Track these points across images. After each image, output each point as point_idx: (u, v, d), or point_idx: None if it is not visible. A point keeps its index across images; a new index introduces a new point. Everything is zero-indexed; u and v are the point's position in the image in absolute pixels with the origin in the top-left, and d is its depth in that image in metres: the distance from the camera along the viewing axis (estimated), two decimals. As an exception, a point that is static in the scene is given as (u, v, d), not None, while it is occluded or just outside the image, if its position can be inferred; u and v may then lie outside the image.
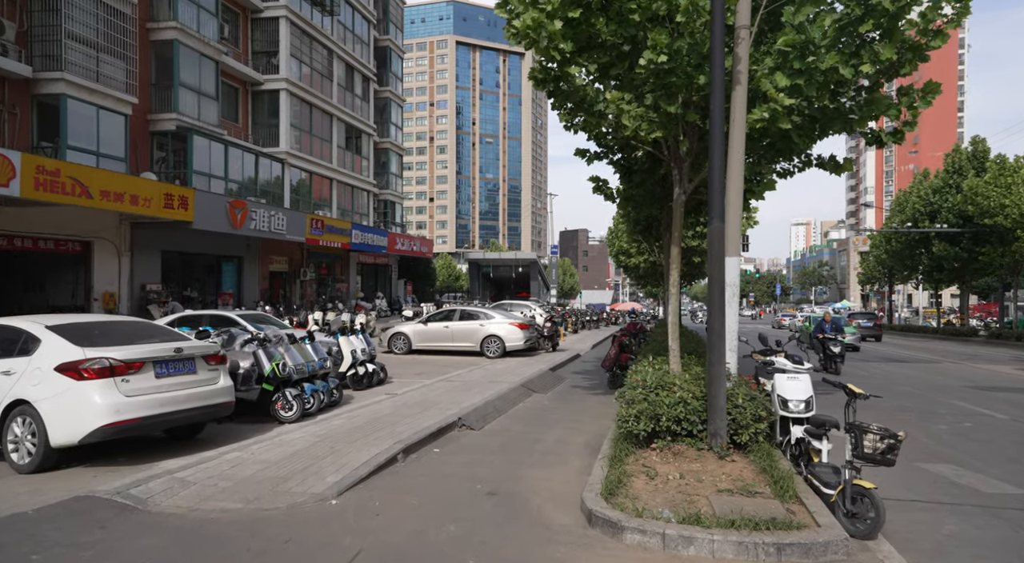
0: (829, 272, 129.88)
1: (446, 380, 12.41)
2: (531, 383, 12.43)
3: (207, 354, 6.49)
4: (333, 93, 29.15)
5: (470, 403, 9.55)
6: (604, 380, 13.69)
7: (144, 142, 19.91)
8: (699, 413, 6.24)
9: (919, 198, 36.56)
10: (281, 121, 25.32)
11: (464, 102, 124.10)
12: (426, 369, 14.45)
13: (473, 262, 49.69)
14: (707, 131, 8.44)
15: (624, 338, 13.16)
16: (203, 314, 12.97)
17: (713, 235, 6.11)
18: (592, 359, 19.18)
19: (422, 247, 37.53)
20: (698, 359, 9.75)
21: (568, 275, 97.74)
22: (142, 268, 19.55)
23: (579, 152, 12.17)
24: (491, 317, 17.88)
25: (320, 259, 30.27)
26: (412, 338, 17.99)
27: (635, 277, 43.73)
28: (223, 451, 6.42)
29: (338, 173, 29.86)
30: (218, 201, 19.90)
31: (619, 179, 13.30)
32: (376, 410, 8.93)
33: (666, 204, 12.90)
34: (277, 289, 27.13)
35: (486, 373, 13.67)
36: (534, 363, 16.04)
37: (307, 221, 24.74)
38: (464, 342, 17.71)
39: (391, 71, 36.11)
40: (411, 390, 10.97)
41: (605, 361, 12.89)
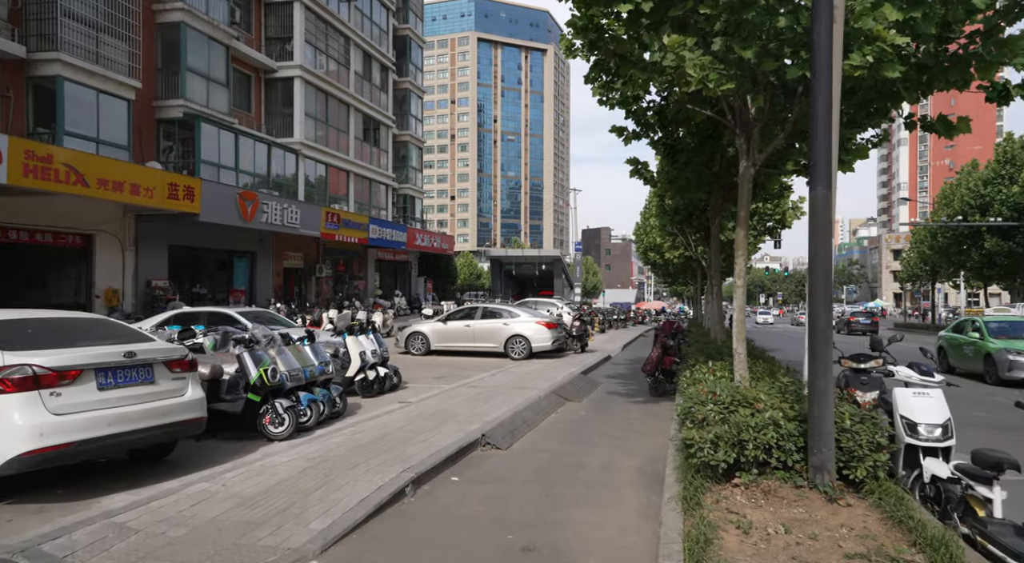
0: (860, 271, 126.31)
1: (468, 385, 11.05)
2: (563, 390, 11.02)
3: (170, 359, 5.21)
4: (350, 82, 28.02)
5: (495, 415, 8.18)
6: (644, 386, 12.24)
7: (150, 130, 18.90)
8: (794, 438, 4.79)
9: (968, 190, 34.34)
10: (295, 110, 24.22)
11: (485, 99, 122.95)
12: (445, 372, 13.12)
13: (495, 260, 48.38)
14: (782, 87, 6.98)
15: (666, 339, 11.69)
16: (199, 311, 11.82)
17: (817, 204, 4.64)
18: (624, 361, 17.71)
19: (442, 243, 36.31)
20: (765, 366, 8.28)
21: (591, 274, 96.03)
22: (148, 263, 18.54)
23: (615, 130, 10.78)
24: (516, 315, 16.51)
25: (337, 255, 29.18)
26: (431, 338, 16.69)
27: (664, 275, 42.03)
28: (188, 481, 5.13)
29: (355, 165, 28.73)
30: (227, 192, 18.82)
31: (660, 161, 11.82)
32: (386, 423, 7.60)
33: (716, 187, 11.43)
34: (292, 286, 26.06)
35: (512, 377, 12.29)
36: (563, 366, 14.63)
37: (322, 215, 23.62)
38: (487, 342, 16.36)
39: (411, 61, 34.92)
40: (428, 397, 9.64)
41: (646, 365, 11.44)
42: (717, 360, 8.81)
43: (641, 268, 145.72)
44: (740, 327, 7.22)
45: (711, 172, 11.28)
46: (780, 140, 7.13)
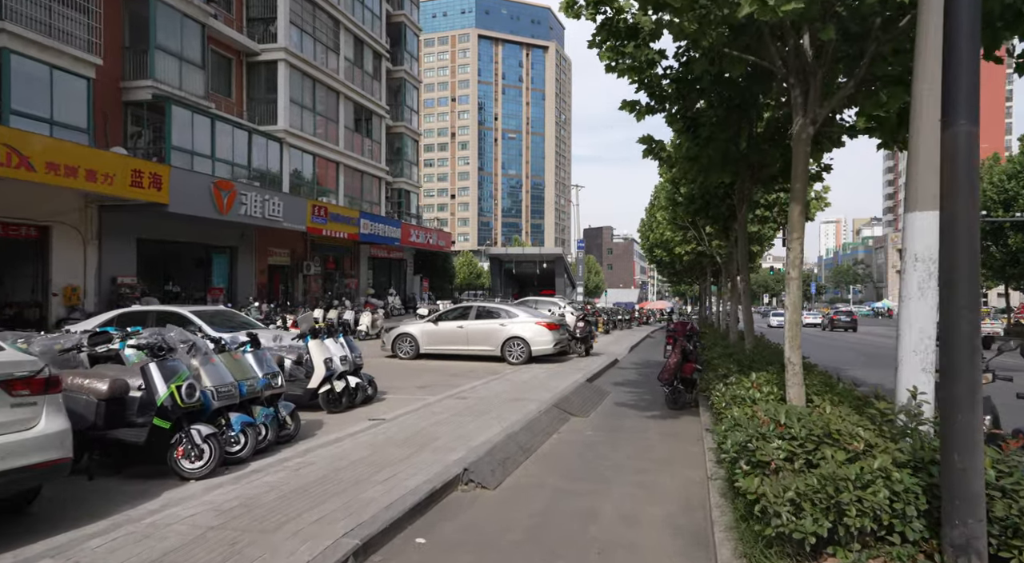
0: (865, 270, 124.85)
1: (456, 397, 9.49)
2: (566, 402, 9.46)
3: (8, 378, 3.64)
4: (340, 68, 26.46)
5: (484, 438, 6.62)
6: (658, 395, 10.69)
7: (116, 113, 17.35)
8: (915, 499, 3.22)
9: (991, 185, 32.74)
10: (279, 96, 22.67)
11: (486, 97, 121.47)
12: (432, 380, 11.56)
13: (494, 258, 46.81)
14: (855, 18, 5.41)
15: (685, 342, 10.12)
16: (147, 310, 10.26)
17: (959, 146, 3.06)
18: (633, 366, 16.15)
19: (439, 240, 34.75)
20: (819, 379, 6.71)
21: (593, 273, 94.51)
22: (113, 258, 16.99)
23: (626, 105, 9.25)
24: (514, 316, 14.95)
25: (327, 252, 27.63)
26: (420, 340, 15.13)
27: (670, 273, 40.41)
28: (24, 557, 3.56)
29: (345, 157, 27.16)
30: (200, 181, 17.27)
31: (677, 139, 10.26)
32: (345, 452, 6.04)
33: (743, 166, 9.86)
34: (277, 285, 24.52)
35: (508, 386, 10.73)
36: (566, 371, 13.07)
37: (308, 208, 22.08)
38: (481, 345, 14.81)
39: (405, 49, 33.37)
40: (406, 413, 8.07)
41: (663, 372, 9.86)
42: (754, 370, 7.24)
43: (643, 268, 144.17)
44: (795, 330, 5.65)
45: (738, 149, 9.74)
46: (850, 86, 5.56)
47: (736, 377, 6.91)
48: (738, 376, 6.90)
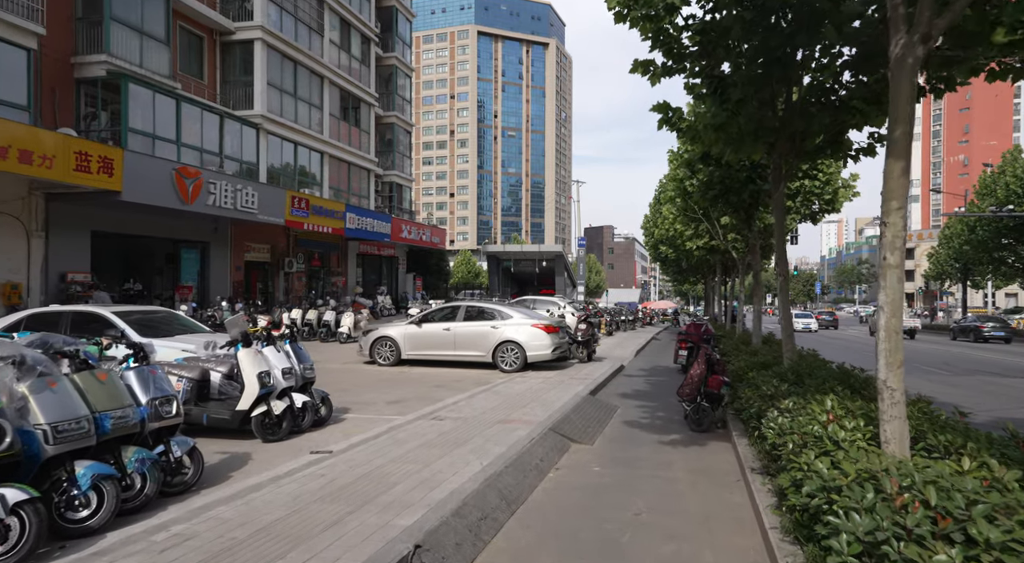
0: (870, 270, 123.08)
1: (432, 417, 7.75)
2: (566, 423, 7.72)
3: None
4: (324, 51, 24.72)
5: (455, 484, 4.90)
6: (672, 409, 9.02)
7: (66, 91, 15.64)
8: None
9: (1016, 178, 30.98)
10: (256, 79, 20.94)
11: (486, 94, 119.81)
12: (409, 393, 9.83)
13: (492, 256, 45.02)
14: None
15: (709, 350, 8.39)
16: (61, 311, 8.53)
17: None
18: (641, 372, 14.43)
19: (433, 237, 33.01)
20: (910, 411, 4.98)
21: (594, 273, 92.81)
22: (63, 253, 15.29)
23: (638, 66, 7.63)
24: (508, 317, 13.22)
25: (312, 248, 25.92)
26: (401, 344, 13.41)
27: (676, 271, 38.67)
28: None
29: (330, 146, 25.42)
30: (160, 168, 15.54)
31: (698, 104, 8.55)
32: (251, 511, 4.30)
33: (782, 137, 8.15)
34: (255, 283, 22.81)
35: (497, 401, 8.99)
36: (566, 381, 11.34)
37: (287, 199, 20.34)
38: (471, 350, 13.08)
39: (397, 35, 31.64)
40: (362, 442, 6.34)
41: (684, 387, 8.13)
42: (808, 390, 5.52)
43: (645, 267, 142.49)
44: (894, 341, 3.92)
45: (775, 115, 8.05)
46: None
47: (793, 401, 5.17)
48: (797, 400, 5.16)
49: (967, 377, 14.50)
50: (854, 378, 6.56)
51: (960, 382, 13.47)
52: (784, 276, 8.27)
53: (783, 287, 8.30)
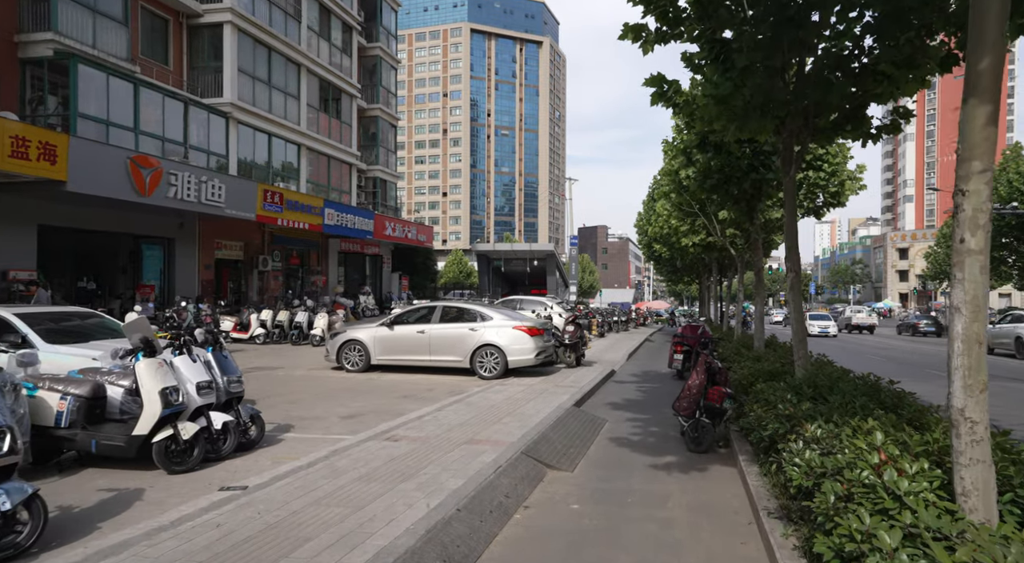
0: (864, 270, 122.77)
1: (386, 436, 6.60)
2: (544, 443, 6.59)
3: None
4: (301, 37, 23.51)
5: (385, 537, 3.76)
6: (667, 423, 7.92)
7: (10, 73, 14.41)
8: None
9: (1019, 174, 30.06)
10: (226, 65, 19.71)
11: (479, 93, 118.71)
12: (370, 405, 8.68)
13: (482, 255, 43.81)
14: None
15: (710, 357, 7.27)
16: (-47, 312, 7.34)
17: None
18: (631, 378, 13.31)
19: (419, 235, 31.81)
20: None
21: (588, 273, 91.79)
22: (5, 248, 14.09)
23: (629, 31, 6.56)
24: (488, 318, 12.08)
25: (290, 246, 24.72)
26: (371, 348, 12.25)
27: (670, 271, 37.60)
28: None
29: (307, 138, 24.20)
30: (112, 156, 14.32)
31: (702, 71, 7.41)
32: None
33: (794, 111, 7.06)
34: (225, 282, 21.59)
35: (468, 415, 7.85)
36: (550, 389, 10.22)
37: (258, 193, 19.12)
38: (447, 355, 11.94)
39: (382, 25, 30.45)
40: (289, 473, 5.18)
41: (681, 399, 7.02)
42: (846, 411, 4.42)
43: (639, 268, 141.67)
44: (975, 355, 2.81)
45: (785, 85, 6.97)
46: None
47: (822, 427, 4.05)
48: (826, 427, 4.04)
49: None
50: (886, 394, 5.46)
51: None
52: (796, 272, 7.17)
53: (795, 285, 7.19)
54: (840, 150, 14.13)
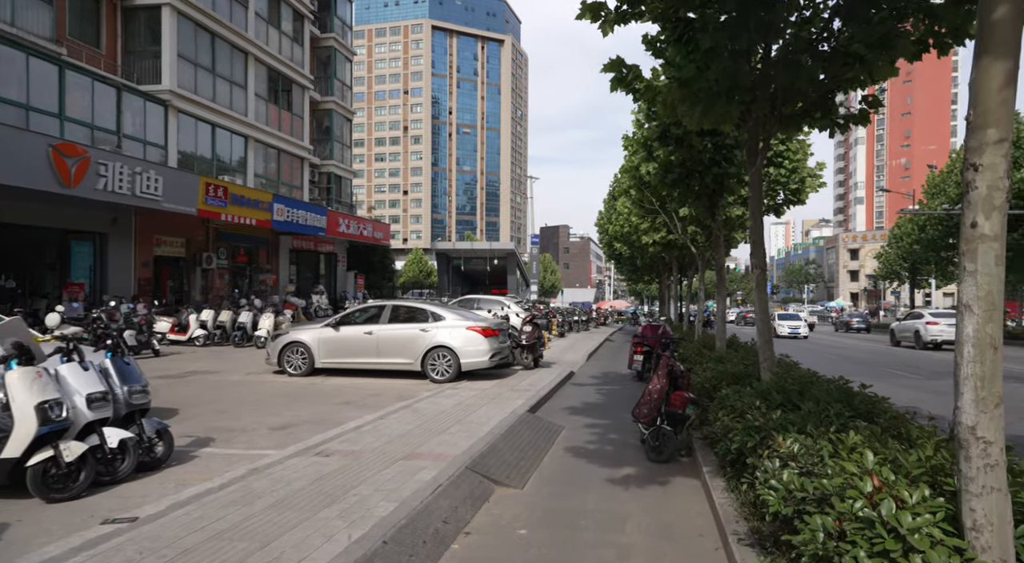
0: (817, 270, 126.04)
1: (315, 452, 5.92)
2: (492, 455, 6.00)
3: None
4: (248, 24, 22.39)
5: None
6: (629, 432, 7.42)
7: (-87, 50, 13.11)
8: None
9: (967, 176, 30.80)
10: (164, 50, 18.53)
11: (440, 90, 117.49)
12: (304, 415, 7.95)
13: (442, 254, 43.06)
14: None
15: (672, 359, 6.80)
16: None
17: None
18: (591, 379, 12.85)
19: (375, 232, 30.86)
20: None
21: (549, 272, 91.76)
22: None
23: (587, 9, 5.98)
24: (440, 318, 11.44)
25: (237, 242, 23.56)
26: (315, 350, 11.48)
27: (631, 270, 37.49)
28: None
29: (255, 130, 23.09)
30: (31, 144, 13.17)
31: (658, 57, 6.94)
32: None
33: (762, 96, 6.66)
34: (165, 280, 20.37)
35: (412, 424, 7.21)
36: (504, 394, 9.65)
37: (200, 186, 18.02)
38: (396, 357, 11.26)
39: (336, 15, 29.40)
40: (192, 499, 4.46)
41: (641, 406, 6.54)
42: (821, 421, 3.97)
43: (600, 267, 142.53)
44: (988, 363, 2.32)
45: (752, 69, 6.56)
46: None
47: (798, 442, 3.56)
48: (803, 440, 3.56)
49: (945, 381, 13.42)
50: (860, 400, 5.05)
51: (939, 387, 12.34)
52: (762, 268, 6.75)
53: (760, 282, 6.77)
54: (801, 147, 13.95)
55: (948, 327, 22.51)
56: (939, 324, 23.23)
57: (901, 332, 25.64)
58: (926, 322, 23.71)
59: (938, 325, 23.23)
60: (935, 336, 23.10)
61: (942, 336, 22.76)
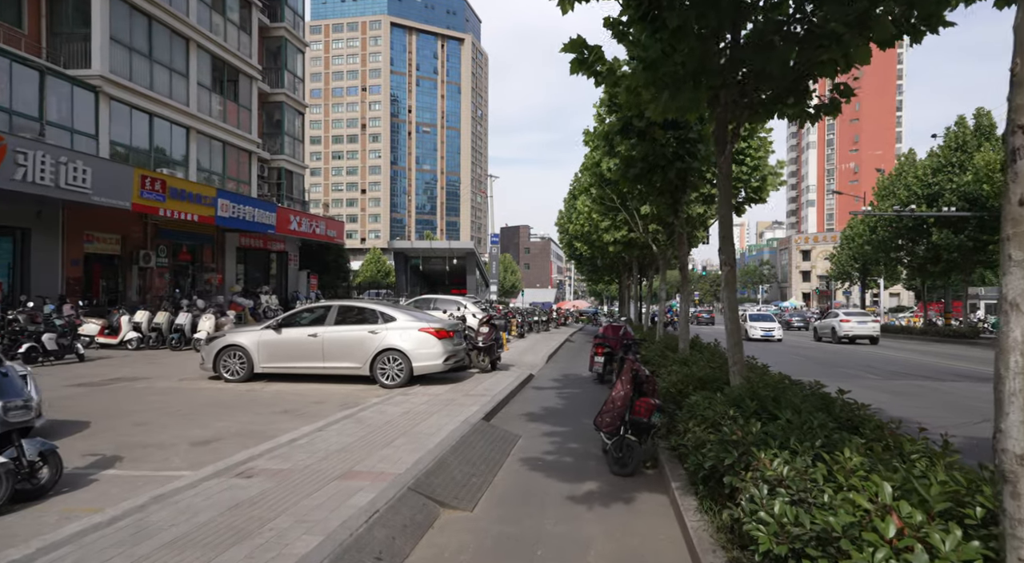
0: (771, 271, 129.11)
1: (236, 472, 5.20)
2: (440, 471, 5.38)
3: None
4: (191, 9, 21.16)
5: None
6: (590, 441, 6.90)
7: None
8: None
9: (917, 179, 31.61)
10: (95, 32, 17.25)
11: (399, 88, 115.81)
12: (234, 427, 7.17)
13: (399, 253, 42.06)
14: None
15: (636, 363, 6.29)
16: None
17: None
18: (550, 383, 12.33)
19: (328, 230, 29.76)
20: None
21: (510, 272, 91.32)
22: None
23: None
24: (391, 319, 10.74)
25: (179, 240, 22.27)
26: (254, 354, 10.64)
27: (591, 270, 37.27)
28: None
29: (197, 121, 21.85)
30: (-63, 127, 11.91)
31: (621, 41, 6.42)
32: None
33: (731, 81, 6.22)
34: (97, 279, 19.03)
35: (355, 436, 6.53)
36: (458, 399, 9.04)
37: (135, 179, 16.82)
38: (343, 361, 10.52)
39: (288, 4, 28.24)
40: (72, 538, 3.71)
41: (604, 414, 6.03)
42: (804, 433, 3.50)
43: (560, 267, 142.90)
44: None
45: (721, 52, 6.13)
46: None
47: (787, 463, 3.06)
48: (792, 461, 3.06)
49: (901, 381, 13.39)
50: (842, 408, 4.63)
51: (896, 387, 12.25)
52: (731, 265, 6.30)
53: (730, 280, 6.32)
54: (762, 144, 13.73)
55: (857, 324, 26.49)
56: (850, 322, 26.64)
57: (822, 329, 29.00)
58: (840, 320, 27.06)
59: (849, 323, 26.63)
60: (847, 332, 26.55)
61: (852, 332, 26.46)
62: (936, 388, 12.39)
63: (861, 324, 26.78)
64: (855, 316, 27.28)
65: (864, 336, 26.65)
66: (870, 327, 26.63)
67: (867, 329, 26.62)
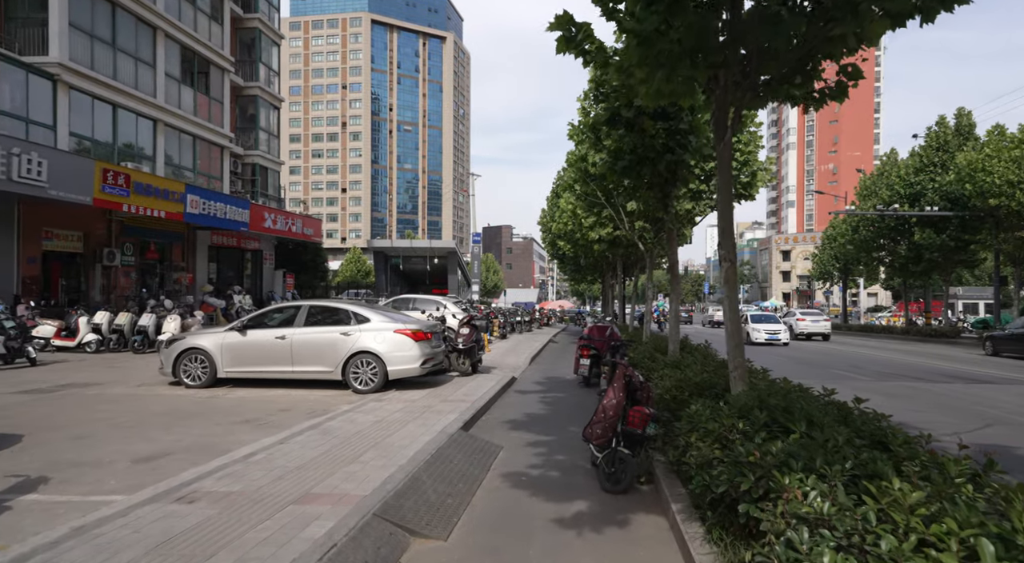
0: (751, 271, 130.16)
1: (176, 498, 4.55)
2: (412, 492, 4.78)
3: None
4: (158, -4, 20.27)
5: None
6: (578, 453, 6.34)
7: None
8: None
9: (899, 179, 31.57)
10: (52, 18, 16.33)
11: (380, 86, 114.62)
12: (186, 440, 6.49)
13: (379, 252, 41.28)
14: None
15: (629, 369, 5.73)
16: None
17: None
18: (534, 386, 11.75)
19: (305, 228, 28.92)
20: None
21: (492, 272, 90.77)
22: None
23: None
24: (365, 320, 10.09)
25: (147, 237, 21.35)
26: (217, 358, 9.93)
27: (573, 269, 36.79)
28: None
29: (165, 113, 20.94)
30: None
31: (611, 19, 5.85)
32: None
33: (732, 57, 5.68)
34: (57, 278, 18.09)
35: (319, 449, 5.90)
36: (435, 406, 8.43)
37: (96, 172, 15.95)
38: (313, 364, 9.86)
39: (262, -6, 27.37)
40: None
41: (594, 424, 5.47)
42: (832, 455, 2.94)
43: (543, 267, 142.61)
44: None
45: (722, 26, 5.62)
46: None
47: (829, 500, 2.52)
48: (836, 497, 2.51)
49: (892, 382, 13.03)
50: (862, 420, 4.12)
51: (888, 389, 11.88)
52: (731, 261, 5.78)
53: (730, 277, 5.79)
54: (752, 138, 13.31)
55: (811, 323, 29.42)
56: (805, 320, 29.58)
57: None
58: (796, 319, 29.92)
59: (805, 321, 29.56)
60: (803, 329, 29.31)
61: (808, 329, 29.29)
62: (928, 389, 12.04)
63: (815, 322, 29.67)
64: (810, 315, 30.16)
65: (818, 333, 29.46)
66: (823, 325, 29.65)
67: (820, 327, 29.51)
